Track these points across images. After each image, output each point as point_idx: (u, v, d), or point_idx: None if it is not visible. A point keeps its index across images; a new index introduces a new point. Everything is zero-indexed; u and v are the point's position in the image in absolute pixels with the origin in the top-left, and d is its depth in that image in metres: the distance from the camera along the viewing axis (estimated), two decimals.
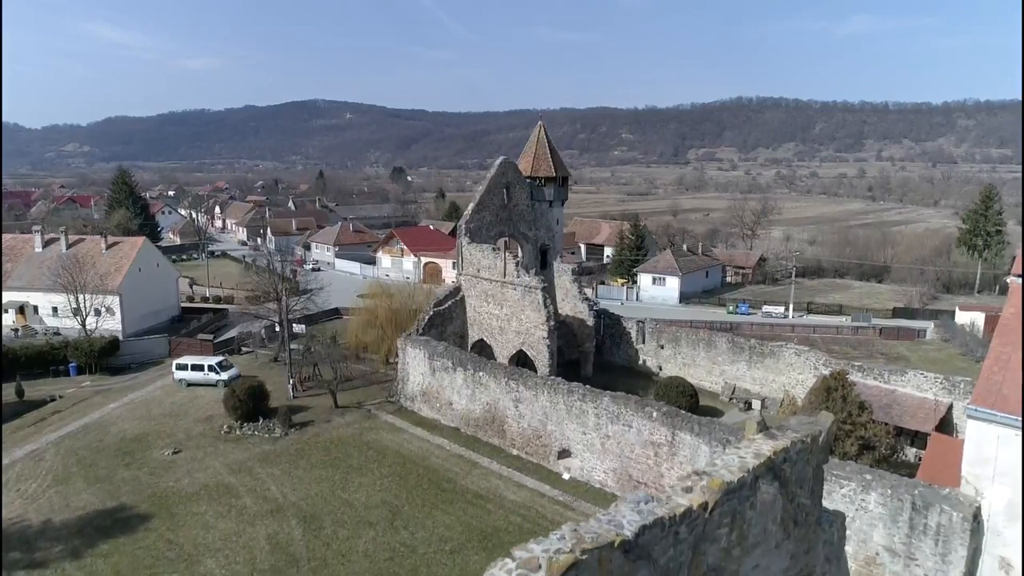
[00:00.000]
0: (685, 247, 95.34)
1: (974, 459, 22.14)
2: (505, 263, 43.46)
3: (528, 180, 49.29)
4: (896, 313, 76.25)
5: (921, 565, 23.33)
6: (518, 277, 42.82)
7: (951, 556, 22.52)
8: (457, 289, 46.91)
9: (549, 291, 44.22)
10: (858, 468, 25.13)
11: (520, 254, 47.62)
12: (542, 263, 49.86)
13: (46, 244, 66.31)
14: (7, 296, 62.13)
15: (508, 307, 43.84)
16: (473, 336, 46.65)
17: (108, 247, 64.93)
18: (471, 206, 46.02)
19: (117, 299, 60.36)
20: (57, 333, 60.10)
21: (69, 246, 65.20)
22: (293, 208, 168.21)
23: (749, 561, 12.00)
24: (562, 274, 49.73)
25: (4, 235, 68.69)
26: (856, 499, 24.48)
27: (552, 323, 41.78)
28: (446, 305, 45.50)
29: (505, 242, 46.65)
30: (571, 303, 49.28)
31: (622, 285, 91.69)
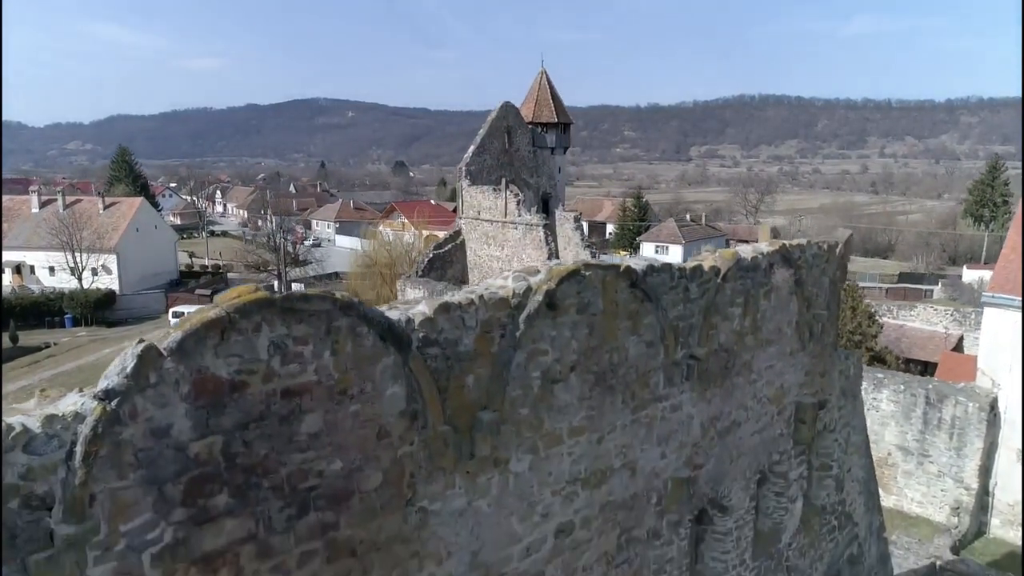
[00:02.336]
0: (688, 217, 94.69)
1: (990, 348, 21.43)
2: (506, 203, 42.80)
3: (530, 126, 48.65)
4: (902, 278, 75.56)
5: (935, 461, 22.61)
6: (519, 216, 42.18)
7: (966, 450, 21.81)
8: (457, 233, 46.28)
9: (551, 233, 43.48)
10: (869, 368, 24.45)
11: (521, 195, 46.89)
12: (544, 211, 49.11)
13: (43, 204, 65.89)
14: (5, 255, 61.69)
15: (509, 247, 43.19)
16: (473, 280, 45.94)
17: (106, 207, 64.59)
18: (471, 148, 45.41)
19: (115, 258, 59.97)
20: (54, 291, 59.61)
21: (66, 206, 64.79)
22: (294, 191, 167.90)
23: (763, 357, 11.29)
24: (564, 222, 48.98)
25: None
26: (867, 399, 23.77)
27: (555, 261, 40.97)
28: (446, 248, 44.89)
29: (506, 181, 45.94)
30: (573, 251, 48.50)
31: (623, 256, 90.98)
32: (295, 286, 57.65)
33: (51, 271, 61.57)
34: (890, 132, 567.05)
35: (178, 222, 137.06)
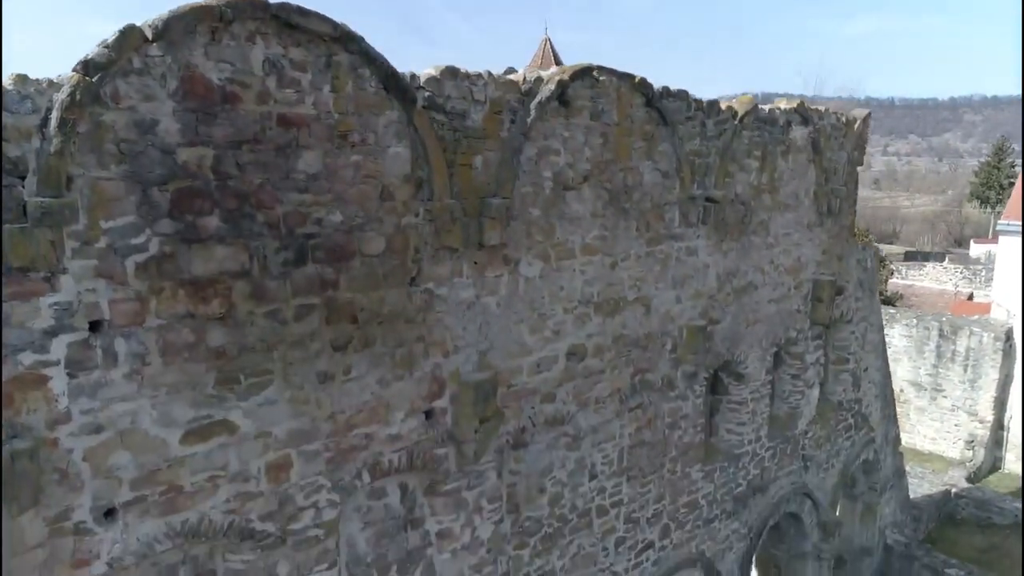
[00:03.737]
0: None
1: (1006, 277, 20.97)
2: None
3: None
4: (908, 257, 74.77)
5: (948, 396, 22.14)
6: None
7: (981, 382, 21.33)
8: None
9: None
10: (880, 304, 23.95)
11: None
12: None
13: None
14: None
15: None
16: None
17: None
18: None
19: None
20: None
21: None
22: None
23: (781, 222, 10.88)
24: None
25: None
26: None
27: None
28: None
29: None
30: None
31: None
32: None
33: None
34: (893, 130, 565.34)
35: None
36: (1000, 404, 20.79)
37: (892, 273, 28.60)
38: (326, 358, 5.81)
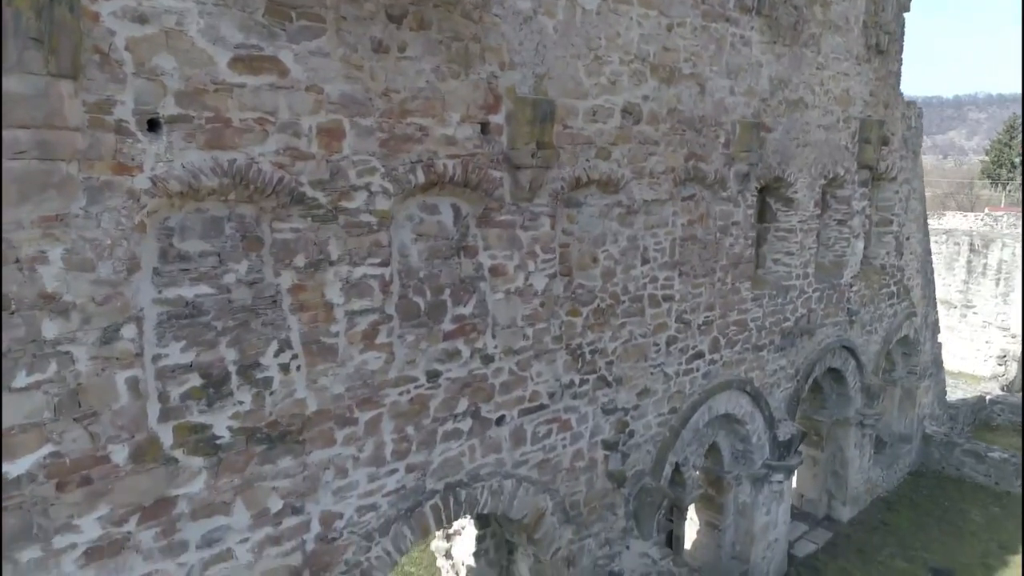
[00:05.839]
0: None
1: None
2: None
3: None
4: None
5: (979, 312, 21.61)
6: None
7: (1013, 296, 20.80)
8: None
9: None
10: None
11: None
12: None
13: None
14: None
15: None
16: None
17: None
18: None
19: None
20: None
21: None
22: None
23: (831, 43, 10.46)
24: None
25: None
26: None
27: None
28: None
29: None
30: None
31: None
32: None
33: None
34: None
35: None
36: None
37: None
38: (380, 26, 5.36)
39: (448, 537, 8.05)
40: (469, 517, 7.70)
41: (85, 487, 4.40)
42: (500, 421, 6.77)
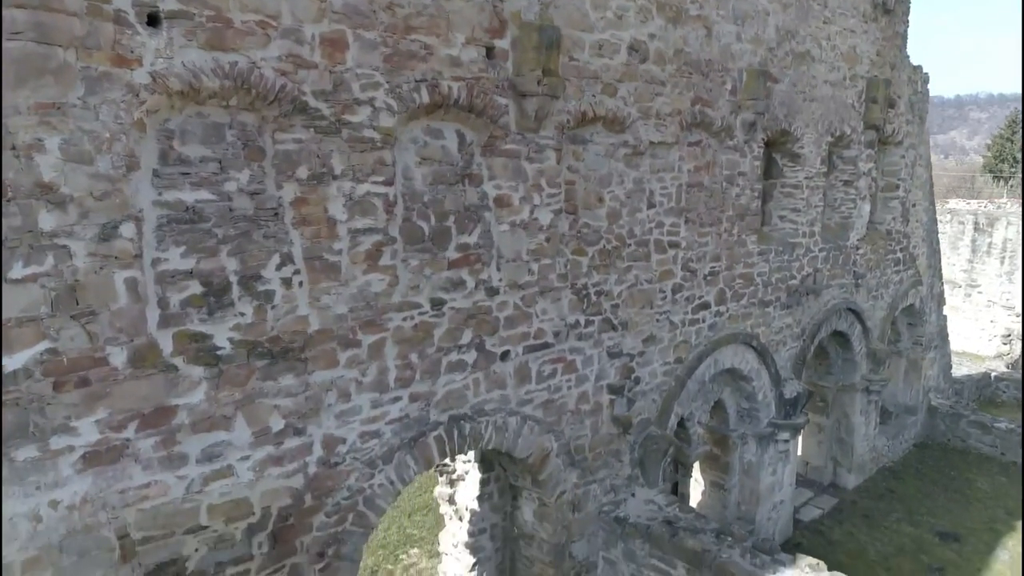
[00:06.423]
0: None
1: None
2: None
3: None
4: None
5: (984, 291, 21.49)
6: None
7: (1018, 275, 20.66)
8: None
9: None
10: None
11: None
12: None
13: None
14: None
15: None
16: None
17: None
18: None
19: None
20: None
21: None
22: None
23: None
24: None
25: None
26: None
27: None
28: None
29: None
30: None
31: None
32: None
33: None
34: None
35: None
36: None
37: None
38: None
39: (452, 483, 7.95)
40: (473, 452, 7.60)
41: (83, 388, 4.30)
42: (505, 356, 6.67)
